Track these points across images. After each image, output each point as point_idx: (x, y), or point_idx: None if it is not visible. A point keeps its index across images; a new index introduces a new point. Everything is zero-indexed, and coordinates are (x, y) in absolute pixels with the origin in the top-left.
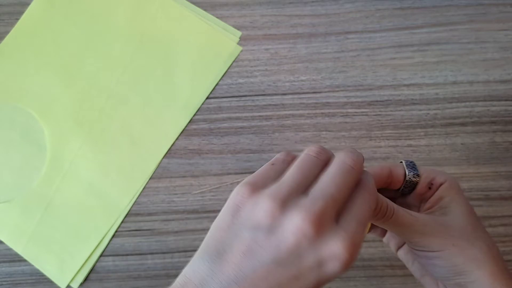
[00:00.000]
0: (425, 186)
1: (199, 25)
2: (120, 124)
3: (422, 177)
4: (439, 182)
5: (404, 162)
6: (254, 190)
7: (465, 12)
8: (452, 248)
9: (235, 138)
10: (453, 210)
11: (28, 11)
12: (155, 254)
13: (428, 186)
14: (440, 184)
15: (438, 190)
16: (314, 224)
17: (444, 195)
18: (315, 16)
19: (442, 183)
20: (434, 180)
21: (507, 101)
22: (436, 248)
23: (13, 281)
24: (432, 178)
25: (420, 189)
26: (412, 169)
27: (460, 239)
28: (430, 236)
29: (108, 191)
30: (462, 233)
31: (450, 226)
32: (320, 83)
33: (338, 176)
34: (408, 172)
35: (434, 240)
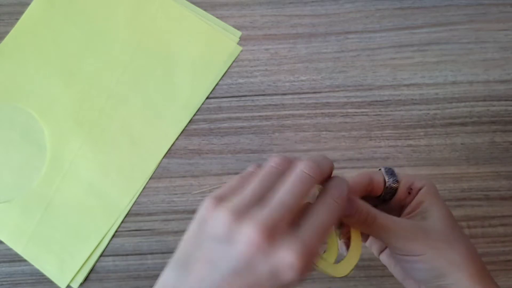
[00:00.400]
0: (405, 191)
1: (199, 25)
2: (120, 124)
3: (401, 182)
4: (418, 186)
5: (383, 169)
6: (217, 203)
7: (465, 12)
8: (431, 252)
9: (235, 138)
10: (432, 214)
11: (28, 11)
12: (155, 254)
13: (408, 191)
14: (419, 189)
15: (418, 195)
16: (265, 234)
17: (424, 200)
18: (315, 16)
19: (421, 188)
20: (413, 185)
21: (507, 101)
22: (417, 252)
23: (13, 281)
24: (411, 183)
25: (400, 195)
26: (391, 176)
27: (440, 242)
28: (411, 241)
29: (108, 191)
30: (441, 237)
31: (430, 230)
32: (320, 83)
33: (293, 185)
34: (388, 178)
35: (414, 244)
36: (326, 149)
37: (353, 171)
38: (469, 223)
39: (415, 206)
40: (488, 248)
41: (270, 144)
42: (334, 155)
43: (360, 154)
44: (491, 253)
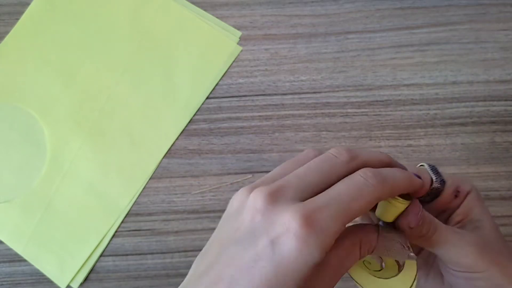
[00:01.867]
0: (451, 194)
1: (199, 25)
2: (120, 124)
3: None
4: (466, 190)
5: (426, 166)
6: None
7: (465, 12)
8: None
9: (235, 138)
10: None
11: (28, 11)
12: (155, 254)
13: (455, 194)
14: (467, 193)
15: (466, 200)
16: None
17: (473, 206)
18: (315, 16)
19: (469, 192)
20: (459, 188)
21: (507, 101)
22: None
23: (13, 281)
24: (457, 186)
25: (446, 197)
26: (437, 175)
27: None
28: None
29: (108, 191)
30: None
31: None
32: (320, 83)
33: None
34: (435, 178)
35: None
36: (326, 149)
37: None
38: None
39: (465, 213)
40: None
41: (270, 144)
42: None
43: None
44: None
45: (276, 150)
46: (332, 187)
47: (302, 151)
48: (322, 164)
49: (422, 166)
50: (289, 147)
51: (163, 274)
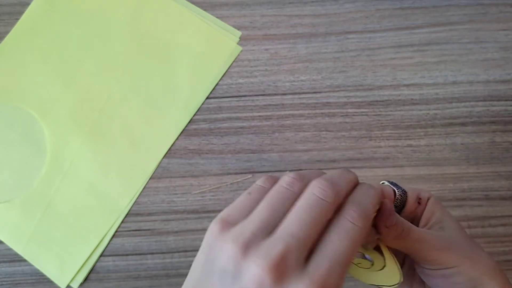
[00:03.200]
0: (414, 202)
1: (199, 25)
2: (120, 124)
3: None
4: (426, 196)
5: (387, 182)
6: (223, 229)
7: (465, 12)
8: (467, 262)
9: (235, 138)
10: (449, 224)
11: (28, 11)
12: (155, 254)
13: (417, 202)
14: (428, 199)
15: (428, 205)
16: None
17: (435, 210)
18: (315, 16)
19: (429, 197)
20: (420, 195)
21: (507, 101)
22: (454, 263)
23: (13, 281)
24: (418, 194)
25: (410, 206)
26: (398, 187)
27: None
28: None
29: (108, 191)
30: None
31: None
32: (320, 83)
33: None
34: (397, 190)
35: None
36: (326, 149)
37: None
38: (469, 223)
39: (429, 217)
40: (488, 248)
41: (270, 144)
42: (334, 155)
43: (360, 154)
44: (491, 253)
45: (276, 150)
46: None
47: (302, 151)
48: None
49: (384, 183)
50: (289, 147)
51: (163, 274)
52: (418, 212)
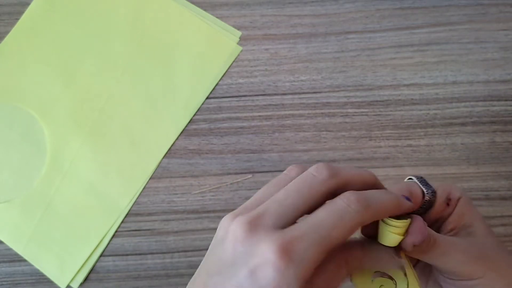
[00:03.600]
0: (442, 203)
1: (199, 25)
2: (120, 124)
3: (437, 193)
4: (456, 197)
5: (415, 179)
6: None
7: (465, 12)
8: (491, 273)
9: (235, 138)
10: (478, 229)
11: (28, 11)
12: (155, 254)
13: (446, 203)
14: (458, 199)
15: (458, 207)
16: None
17: (464, 212)
18: (315, 16)
19: (459, 198)
20: (450, 195)
21: (507, 101)
22: (478, 275)
23: (13, 281)
24: (448, 193)
25: (438, 207)
26: (428, 186)
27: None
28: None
29: (108, 191)
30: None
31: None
32: (320, 83)
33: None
34: (426, 190)
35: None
36: (326, 149)
37: None
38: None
39: (458, 220)
40: None
41: (270, 144)
42: (334, 155)
43: (360, 154)
44: None
45: (276, 150)
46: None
47: (302, 151)
48: (301, 185)
49: (411, 179)
50: (289, 147)
51: (163, 274)
52: (446, 213)
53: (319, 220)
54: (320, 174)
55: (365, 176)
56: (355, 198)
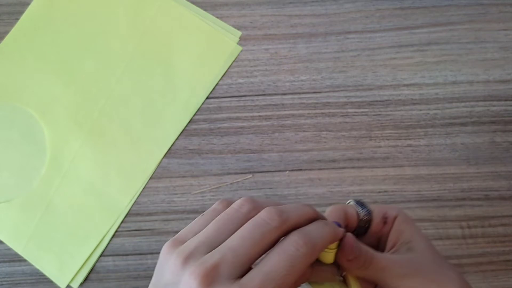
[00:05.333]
0: (380, 222)
1: (199, 25)
2: (120, 124)
3: (374, 213)
4: (393, 215)
5: (352, 202)
6: (172, 246)
7: (465, 12)
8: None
9: (235, 138)
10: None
11: (28, 11)
12: (155, 254)
13: (383, 221)
14: (394, 217)
15: (395, 225)
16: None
17: (403, 229)
18: (315, 16)
19: (396, 216)
20: (386, 214)
21: (507, 101)
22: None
23: (13, 281)
24: (385, 213)
25: (376, 226)
26: (363, 207)
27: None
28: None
29: (108, 191)
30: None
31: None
32: (320, 83)
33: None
34: (361, 210)
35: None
36: (326, 149)
37: (353, 171)
38: (469, 223)
39: (396, 237)
40: (488, 248)
41: (270, 144)
42: (334, 155)
43: (360, 154)
44: (491, 253)
45: (276, 150)
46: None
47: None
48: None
49: (349, 203)
50: (289, 147)
51: None
52: (384, 232)
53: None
54: (273, 221)
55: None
56: (303, 242)
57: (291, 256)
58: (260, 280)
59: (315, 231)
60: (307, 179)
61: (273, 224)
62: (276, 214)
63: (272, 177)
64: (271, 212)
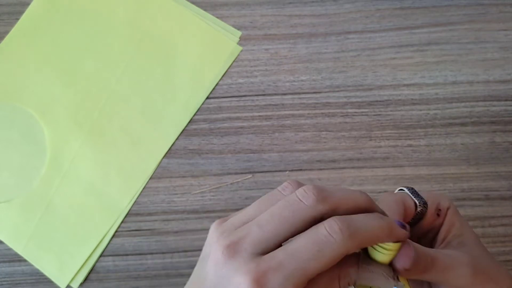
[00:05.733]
0: (434, 213)
1: (199, 25)
2: (120, 124)
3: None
4: (446, 206)
5: (406, 190)
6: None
7: (465, 12)
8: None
9: (235, 138)
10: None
11: (28, 11)
12: (155, 254)
13: (437, 213)
14: (447, 209)
15: (447, 216)
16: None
17: (454, 221)
18: (315, 16)
19: (449, 208)
20: (439, 205)
21: (507, 101)
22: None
23: (13, 281)
24: (438, 204)
25: (429, 218)
26: (419, 198)
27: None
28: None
29: (108, 191)
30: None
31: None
32: (320, 83)
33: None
34: (418, 202)
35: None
36: (326, 149)
37: (353, 171)
38: (469, 223)
39: (448, 230)
40: (488, 248)
41: (270, 144)
42: (334, 155)
43: (360, 154)
44: (491, 253)
45: (276, 150)
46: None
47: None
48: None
49: (402, 190)
50: (289, 147)
51: (163, 274)
52: (436, 223)
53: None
54: (307, 199)
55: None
56: (339, 226)
57: (320, 240)
58: (280, 260)
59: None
60: (307, 179)
61: (306, 202)
62: (312, 192)
63: (272, 177)
64: (308, 190)
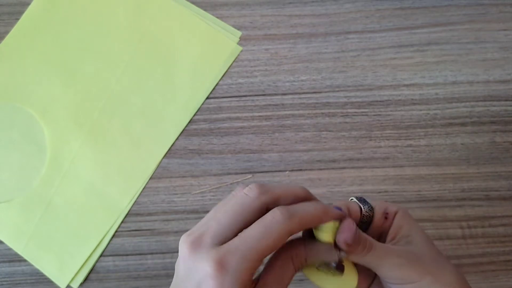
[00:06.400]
0: (381, 217)
1: (199, 25)
2: (120, 124)
3: (375, 209)
4: (393, 211)
5: (354, 198)
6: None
7: (465, 12)
8: (428, 277)
9: (235, 138)
10: (415, 237)
11: (28, 11)
12: (155, 254)
13: (384, 217)
14: (395, 213)
15: (395, 219)
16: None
17: (402, 224)
18: (315, 16)
19: (396, 212)
20: (387, 209)
21: (507, 101)
22: (414, 279)
23: (13, 281)
24: (385, 208)
25: (377, 222)
26: (365, 203)
27: (432, 267)
28: (407, 268)
29: (108, 191)
30: (432, 260)
31: (419, 254)
32: (320, 83)
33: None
34: (363, 206)
35: (411, 271)
36: (326, 149)
37: (353, 171)
38: (469, 223)
39: (396, 231)
40: (488, 248)
41: (270, 144)
42: (334, 155)
43: (360, 154)
44: (491, 253)
45: (276, 150)
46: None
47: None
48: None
49: (352, 199)
50: (289, 147)
51: (163, 274)
52: (385, 227)
53: (249, 234)
54: (252, 193)
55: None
56: (280, 211)
57: (266, 223)
58: (236, 244)
59: (299, 206)
60: (307, 179)
61: (252, 195)
62: (255, 187)
63: (272, 177)
64: (252, 186)
